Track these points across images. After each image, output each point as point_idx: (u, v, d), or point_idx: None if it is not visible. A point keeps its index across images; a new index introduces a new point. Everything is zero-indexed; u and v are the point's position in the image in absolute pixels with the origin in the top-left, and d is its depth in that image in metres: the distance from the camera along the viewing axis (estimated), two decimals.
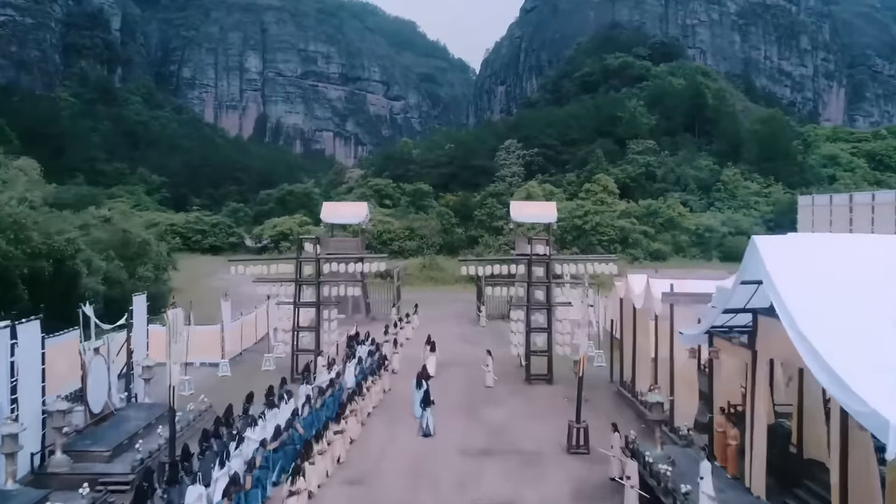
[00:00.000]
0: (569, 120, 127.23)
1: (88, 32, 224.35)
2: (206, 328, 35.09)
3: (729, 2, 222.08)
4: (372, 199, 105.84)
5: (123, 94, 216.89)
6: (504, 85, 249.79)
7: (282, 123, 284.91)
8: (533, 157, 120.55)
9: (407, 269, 71.62)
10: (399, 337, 38.73)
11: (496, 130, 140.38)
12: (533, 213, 47.56)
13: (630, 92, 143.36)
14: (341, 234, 75.76)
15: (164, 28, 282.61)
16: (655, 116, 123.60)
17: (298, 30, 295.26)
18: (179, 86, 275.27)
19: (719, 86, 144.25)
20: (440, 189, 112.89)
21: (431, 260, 72.72)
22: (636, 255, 75.54)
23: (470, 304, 54.50)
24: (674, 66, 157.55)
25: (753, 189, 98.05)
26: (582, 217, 77.89)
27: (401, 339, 38.93)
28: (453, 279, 69.70)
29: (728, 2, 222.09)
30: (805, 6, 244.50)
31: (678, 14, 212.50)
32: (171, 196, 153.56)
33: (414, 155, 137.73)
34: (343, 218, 48.14)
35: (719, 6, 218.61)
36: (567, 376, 30.80)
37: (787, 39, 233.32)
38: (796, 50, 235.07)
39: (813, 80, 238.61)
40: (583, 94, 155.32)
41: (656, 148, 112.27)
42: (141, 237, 45.42)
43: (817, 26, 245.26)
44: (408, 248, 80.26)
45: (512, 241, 72.14)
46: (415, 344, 38.54)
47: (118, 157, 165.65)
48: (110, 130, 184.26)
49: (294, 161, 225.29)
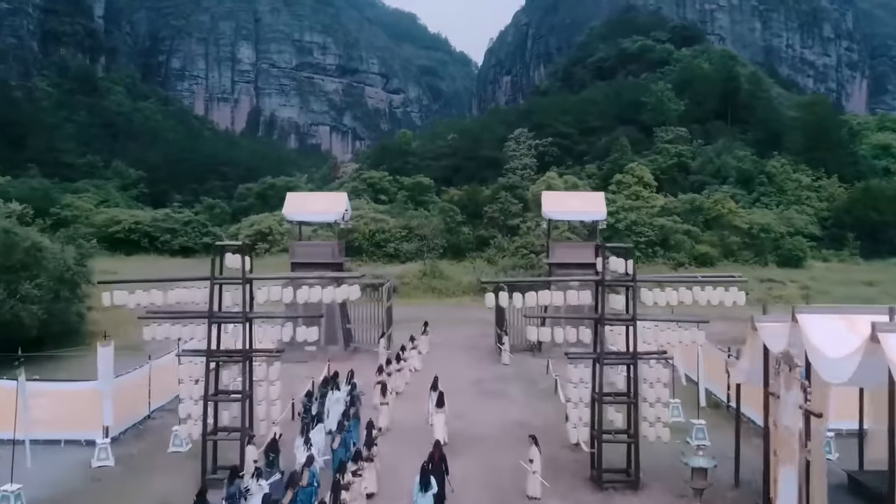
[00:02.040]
0: (586, 106, 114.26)
1: (69, 19, 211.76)
2: (78, 387, 22.40)
3: None
4: (365, 195, 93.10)
5: (106, 84, 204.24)
6: (510, 75, 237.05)
7: (276, 117, 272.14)
8: (546, 148, 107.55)
9: (403, 279, 58.74)
10: (396, 380, 26.25)
11: (504, 118, 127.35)
12: (574, 207, 34.67)
13: (652, 77, 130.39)
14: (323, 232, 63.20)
15: (152, 17, 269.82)
16: (685, 102, 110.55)
17: (293, 19, 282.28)
18: (168, 77, 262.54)
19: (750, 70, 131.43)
20: (442, 183, 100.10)
21: (433, 266, 59.75)
22: (679, 258, 62.58)
23: (483, 325, 41.59)
24: (697, 50, 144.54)
25: (805, 182, 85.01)
26: (614, 214, 64.81)
27: (398, 384, 26.39)
28: (459, 289, 56.92)
29: None
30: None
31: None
32: (150, 192, 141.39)
33: (413, 147, 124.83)
34: (313, 214, 35.12)
35: None
36: (663, 475, 18.56)
37: (810, 27, 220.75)
38: (819, 38, 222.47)
39: (836, 71, 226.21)
40: (598, 80, 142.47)
41: (688, 136, 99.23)
42: (30, 240, 32.27)
43: (840, 14, 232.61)
44: (405, 252, 67.28)
45: (535, 245, 59.31)
46: (420, 383, 26.10)
47: (94, 150, 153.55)
48: (87, 122, 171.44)
49: (286, 155, 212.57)
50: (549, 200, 35.50)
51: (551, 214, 34.91)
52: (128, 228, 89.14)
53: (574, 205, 34.74)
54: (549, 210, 34.84)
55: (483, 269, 60.20)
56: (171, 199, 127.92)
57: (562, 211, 34.76)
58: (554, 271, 34.69)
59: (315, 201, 35.54)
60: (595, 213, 34.61)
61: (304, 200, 35.72)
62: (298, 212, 34.98)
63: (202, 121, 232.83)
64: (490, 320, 40.27)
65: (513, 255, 60.06)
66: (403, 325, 42.11)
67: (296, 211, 34.95)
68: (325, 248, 35.13)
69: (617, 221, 64.55)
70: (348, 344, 35.65)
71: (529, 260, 55.60)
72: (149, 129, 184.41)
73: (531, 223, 65.01)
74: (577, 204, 34.79)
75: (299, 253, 34.92)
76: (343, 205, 35.54)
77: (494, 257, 62.69)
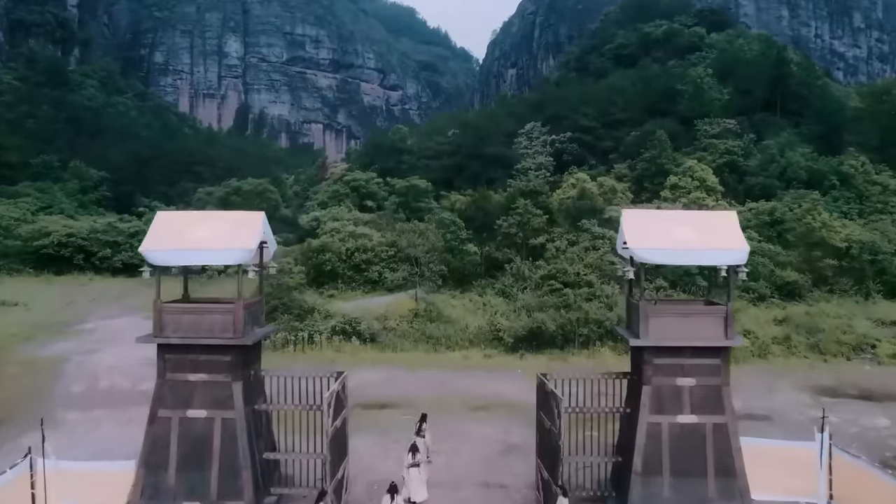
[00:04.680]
0: (610, 96, 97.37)
1: (39, 8, 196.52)
2: None
3: None
4: (347, 201, 76.64)
5: (77, 77, 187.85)
6: (515, 67, 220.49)
7: (265, 114, 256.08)
8: (564, 144, 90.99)
9: (386, 321, 42.35)
10: None
11: (513, 110, 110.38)
12: (685, 240, 18.03)
13: (680, 64, 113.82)
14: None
15: (134, 7, 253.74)
16: (728, 90, 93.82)
17: (284, 10, 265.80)
18: (151, 72, 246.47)
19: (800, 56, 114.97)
20: (442, 186, 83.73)
21: (428, 303, 43.24)
22: (759, 289, 45.98)
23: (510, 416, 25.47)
24: (731, 34, 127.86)
25: (892, 186, 68.29)
26: None
27: None
28: (465, 338, 40.53)
29: None
30: None
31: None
32: (113, 195, 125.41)
33: (409, 144, 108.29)
34: (196, 250, 18.48)
35: None
36: None
37: (839, 16, 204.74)
38: (849, 28, 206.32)
39: (867, 63, 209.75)
40: (617, 68, 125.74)
41: (738, 130, 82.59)
42: None
43: (871, 2, 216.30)
44: (390, 280, 50.68)
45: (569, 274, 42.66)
46: None
47: (54, 148, 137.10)
48: (49, 117, 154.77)
49: (272, 154, 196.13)
50: (635, 226, 18.93)
51: (642, 253, 18.35)
52: (57, 242, 72.63)
53: (684, 236, 18.31)
54: (638, 245, 18.29)
55: (497, 307, 43.62)
56: (136, 203, 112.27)
57: (662, 248, 18.19)
58: (649, 362, 18.41)
59: (202, 226, 18.91)
60: (728, 252, 18.21)
61: (184, 226, 19.10)
62: (169, 247, 18.47)
63: (182, 117, 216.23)
64: (524, 405, 24.11)
65: (538, 287, 43.40)
66: (380, 417, 25.89)
67: (164, 246, 18.47)
68: (219, 316, 18.56)
69: None
70: (265, 493, 19.02)
71: (564, 298, 39.04)
72: (121, 126, 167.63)
73: (560, 241, 48.41)
74: (690, 234, 18.37)
75: (171, 326, 18.58)
76: (255, 233, 19.00)
77: (511, 289, 46.11)
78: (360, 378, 30.04)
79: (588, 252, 46.94)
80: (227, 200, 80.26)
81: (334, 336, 40.75)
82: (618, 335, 31.15)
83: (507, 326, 39.53)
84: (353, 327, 40.94)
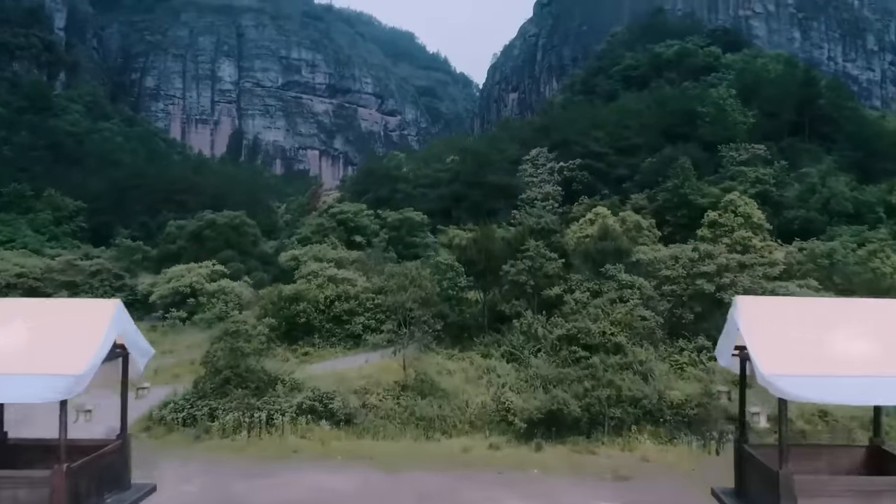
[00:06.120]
0: (623, 119, 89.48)
1: (23, 31, 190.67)
2: None
3: None
4: (333, 235, 68.37)
5: (62, 102, 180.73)
6: (517, 91, 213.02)
7: (259, 140, 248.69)
8: (574, 172, 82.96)
9: (365, 397, 33.90)
10: None
11: (517, 134, 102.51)
12: (869, 362, 9.67)
13: (696, 85, 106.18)
14: None
15: (125, 31, 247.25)
16: (753, 113, 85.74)
17: (279, 34, 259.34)
18: (142, 97, 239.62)
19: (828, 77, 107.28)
20: (440, 218, 75.54)
21: (419, 372, 34.71)
22: None
23: None
24: (747, 54, 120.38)
25: None
26: (711, 278, 39.83)
27: None
28: (464, 422, 32.04)
29: None
30: (869, 1, 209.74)
31: (729, 3, 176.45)
32: (91, 226, 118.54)
33: (405, 171, 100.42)
34: None
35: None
36: None
37: (852, 38, 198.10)
38: (862, 51, 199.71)
39: (881, 87, 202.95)
40: (627, 90, 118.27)
41: (767, 156, 74.44)
42: None
43: (883, 25, 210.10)
44: (376, 336, 42.08)
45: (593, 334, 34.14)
46: None
47: (30, 176, 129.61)
48: (28, 143, 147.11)
49: (264, 181, 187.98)
50: (765, 333, 10.55)
51: (791, 388, 9.92)
52: (6, 284, 64.15)
53: (861, 353, 10.01)
54: (780, 371, 9.90)
55: (505, 376, 35.17)
56: (115, 235, 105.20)
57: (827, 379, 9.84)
58: None
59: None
60: None
61: None
62: None
63: (171, 143, 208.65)
64: None
65: (555, 351, 34.93)
66: None
67: None
68: (22, 492, 10.20)
69: (718, 290, 39.46)
70: None
71: (590, 370, 30.67)
72: (104, 153, 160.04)
73: (581, 292, 39.85)
74: (870, 350, 10.09)
75: None
76: (91, 347, 10.60)
77: (522, 351, 37.58)
78: (315, 488, 21.75)
79: (614, 305, 38.48)
80: (200, 235, 71.89)
81: (301, 416, 32.13)
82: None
83: (518, 406, 30.97)
84: (324, 405, 32.30)
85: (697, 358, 37.71)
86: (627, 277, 40.20)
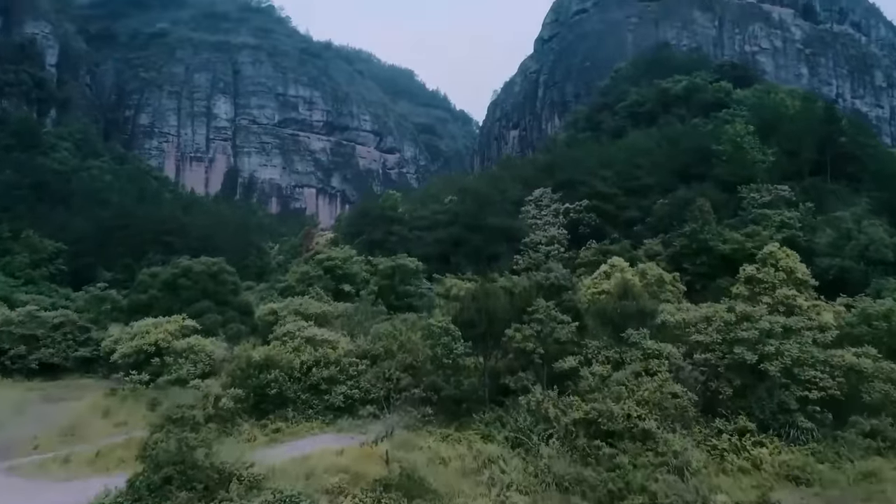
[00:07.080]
0: (633, 157, 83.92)
1: (13, 67, 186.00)
2: None
3: (793, 27, 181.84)
4: (318, 285, 62.31)
5: (51, 139, 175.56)
6: (518, 128, 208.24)
7: (255, 178, 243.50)
8: (581, 214, 77.19)
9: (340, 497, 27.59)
10: None
11: (519, 173, 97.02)
12: None
13: (706, 122, 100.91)
14: None
15: (119, 68, 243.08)
16: (773, 151, 79.99)
17: (276, 71, 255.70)
18: (135, 134, 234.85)
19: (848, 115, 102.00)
20: (437, 264, 69.75)
21: (405, 468, 28.27)
22: (891, 436, 31.31)
23: None
24: (759, 90, 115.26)
25: None
26: (752, 345, 33.72)
27: None
28: None
29: (792, 27, 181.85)
30: (876, 37, 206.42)
31: (735, 39, 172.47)
32: (71, 269, 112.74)
33: (401, 212, 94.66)
34: None
35: (782, 31, 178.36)
36: None
37: (860, 74, 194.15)
38: (871, 87, 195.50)
39: (890, 124, 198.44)
40: (635, 127, 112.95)
41: (791, 197, 68.62)
42: None
43: (891, 61, 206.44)
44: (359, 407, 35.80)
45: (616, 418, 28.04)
46: None
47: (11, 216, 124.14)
48: (12, 182, 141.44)
49: (258, 221, 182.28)
50: None
51: None
52: None
53: None
54: None
55: (510, 471, 28.88)
56: (96, 278, 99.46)
57: None
58: None
59: None
60: None
61: None
62: None
63: (163, 182, 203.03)
64: None
65: (570, 438, 28.72)
66: None
67: None
68: None
69: (761, 360, 33.29)
70: None
71: (619, 471, 24.51)
72: (92, 191, 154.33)
73: (600, 363, 33.67)
74: None
75: None
76: None
77: (529, 435, 31.27)
78: None
79: (640, 379, 32.34)
80: (174, 284, 65.58)
81: None
82: None
83: None
84: None
85: (740, 443, 31.44)
86: (653, 345, 34.08)
